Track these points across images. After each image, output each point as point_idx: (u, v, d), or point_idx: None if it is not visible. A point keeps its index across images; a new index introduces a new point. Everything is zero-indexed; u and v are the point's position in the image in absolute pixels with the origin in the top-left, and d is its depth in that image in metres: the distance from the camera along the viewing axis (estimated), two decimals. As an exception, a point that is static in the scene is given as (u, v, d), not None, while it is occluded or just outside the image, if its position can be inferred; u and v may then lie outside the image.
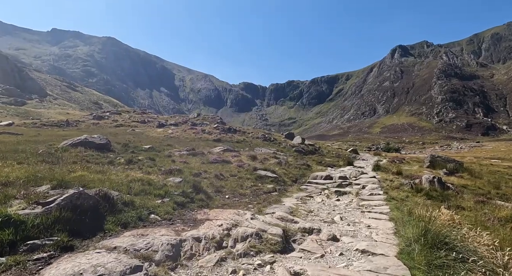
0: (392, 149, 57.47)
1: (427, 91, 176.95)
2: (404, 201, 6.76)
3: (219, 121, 43.00)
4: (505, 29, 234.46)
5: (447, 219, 3.84)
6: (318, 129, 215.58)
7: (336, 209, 6.07)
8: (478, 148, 57.56)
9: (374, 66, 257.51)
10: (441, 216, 3.94)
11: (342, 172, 12.69)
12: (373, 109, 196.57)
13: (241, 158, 13.08)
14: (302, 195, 7.39)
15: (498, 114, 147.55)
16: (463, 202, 7.18)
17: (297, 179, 10.52)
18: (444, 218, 3.90)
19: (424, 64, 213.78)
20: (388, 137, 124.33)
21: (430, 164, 19.05)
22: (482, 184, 13.45)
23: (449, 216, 3.95)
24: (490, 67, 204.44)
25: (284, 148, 26.25)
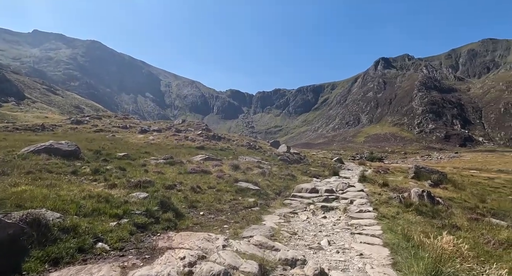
0: (375, 158, 58.14)
1: (409, 102, 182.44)
2: (396, 219, 6.22)
3: (204, 128, 42.06)
4: (480, 46, 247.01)
5: (451, 250, 3.28)
6: (304, 137, 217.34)
7: (323, 229, 5.44)
8: (457, 159, 59.09)
9: (358, 77, 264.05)
10: (443, 244, 3.38)
11: (328, 183, 12.16)
12: (357, 118, 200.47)
13: (223, 168, 12.32)
14: (286, 212, 6.72)
15: (474, 126, 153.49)
16: (456, 219, 6.73)
17: (281, 192, 9.87)
18: (448, 247, 3.33)
19: (406, 76, 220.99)
20: (372, 147, 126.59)
21: (415, 175, 18.94)
22: (467, 197, 13.27)
23: (453, 245, 3.39)
24: (467, 81, 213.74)
25: (269, 156, 25.65)
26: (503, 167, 38.45)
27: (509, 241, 4.65)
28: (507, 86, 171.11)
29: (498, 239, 4.71)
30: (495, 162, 46.27)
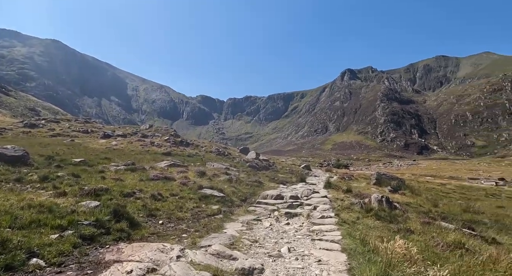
0: (342, 165, 60.25)
1: (372, 112, 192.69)
2: (356, 224, 6.38)
3: (172, 133, 40.93)
4: (434, 62, 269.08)
5: (403, 253, 3.38)
6: (274, 144, 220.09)
7: (285, 236, 5.41)
8: (415, 166, 63.07)
9: (326, 87, 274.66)
10: (396, 248, 3.48)
11: (294, 190, 12.28)
12: (325, 126, 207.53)
13: (188, 174, 11.97)
14: (249, 219, 6.62)
15: (430, 135, 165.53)
16: (411, 223, 7.06)
17: (246, 199, 9.76)
18: (399, 251, 3.43)
19: (370, 88, 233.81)
20: (339, 154, 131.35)
21: (377, 181, 19.81)
22: (422, 202, 14.07)
23: (404, 248, 3.50)
24: (423, 94, 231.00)
25: (238, 163, 25.51)
26: (453, 174, 41.66)
27: (455, 243, 4.93)
28: (457, 99, 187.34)
29: (446, 242, 4.98)
30: (447, 169, 50.01)
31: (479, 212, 10.30)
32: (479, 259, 3.73)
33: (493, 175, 38.58)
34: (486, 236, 6.34)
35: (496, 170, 46.41)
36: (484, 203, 14.94)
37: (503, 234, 7.11)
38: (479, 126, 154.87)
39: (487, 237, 6.25)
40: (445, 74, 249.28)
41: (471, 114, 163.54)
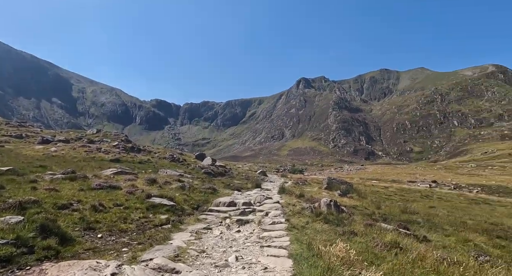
0: (297, 170, 62.22)
1: (325, 119, 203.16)
2: (305, 229, 6.53)
3: (123, 139, 38.50)
4: (379, 74, 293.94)
5: (343, 256, 3.52)
6: (232, 150, 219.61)
7: (234, 244, 5.32)
8: (363, 171, 67.63)
9: (283, 94, 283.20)
10: (337, 251, 3.61)
11: (248, 196, 12.27)
12: (281, 133, 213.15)
13: (136, 182, 11.28)
14: (199, 228, 6.41)
15: (375, 142, 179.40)
16: (355, 225, 7.45)
17: (199, 206, 9.47)
18: (340, 254, 3.57)
19: (323, 96, 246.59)
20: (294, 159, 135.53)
21: (328, 185, 20.79)
22: (367, 204, 15.03)
23: (344, 251, 3.65)
24: (370, 103, 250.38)
25: (193, 169, 24.84)
26: (395, 178, 45.53)
27: (392, 242, 5.31)
28: (398, 109, 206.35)
29: (384, 242, 5.33)
30: (390, 173, 54.48)
31: (414, 213, 11.30)
32: (410, 257, 4.05)
33: (428, 178, 42.99)
34: (418, 234, 6.96)
35: (429, 174, 51.82)
36: (419, 204, 16.48)
37: (432, 232, 7.88)
38: (416, 134, 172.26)
39: (419, 235, 6.86)
40: (388, 86, 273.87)
41: (410, 123, 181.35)
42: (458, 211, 14.91)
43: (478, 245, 6.82)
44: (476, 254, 5.57)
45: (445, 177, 44.95)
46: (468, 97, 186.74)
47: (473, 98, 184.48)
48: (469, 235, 7.51)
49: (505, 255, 5.97)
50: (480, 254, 5.59)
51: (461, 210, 15.80)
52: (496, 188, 34.53)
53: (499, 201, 23.30)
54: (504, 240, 7.73)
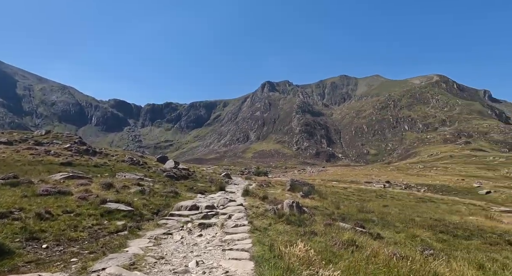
0: (261, 173, 62.72)
1: (289, 122, 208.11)
2: (267, 231, 6.59)
3: (77, 140, 35.78)
4: (339, 80, 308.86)
5: (302, 256, 3.60)
6: (196, 152, 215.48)
7: (196, 249, 5.19)
8: (324, 172, 70.34)
9: (248, 97, 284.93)
10: (297, 252, 3.68)
11: (212, 199, 12.09)
12: (246, 135, 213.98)
13: (91, 187, 10.53)
14: (159, 233, 6.16)
15: (336, 144, 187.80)
16: (316, 225, 7.68)
17: (159, 211, 9.11)
18: (300, 254, 3.65)
19: (287, 100, 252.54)
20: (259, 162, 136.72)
21: (291, 187, 21.24)
22: (328, 204, 15.63)
23: (304, 251, 3.74)
24: (331, 108, 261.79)
25: (154, 173, 23.88)
26: (354, 178, 48.02)
27: (349, 241, 5.56)
28: (356, 113, 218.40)
29: (342, 240, 5.56)
30: (349, 175, 57.33)
31: (370, 212, 11.99)
32: (365, 254, 4.27)
33: (382, 179, 45.98)
34: (373, 232, 7.38)
35: (384, 174, 55.48)
36: (374, 203, 17.52)
37: (385, 229, 8.41)
38: (372, 137, 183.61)
39: (374, 233, 7.28)
40: (347, 91, 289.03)
41: (367, 127, 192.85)
42: (408, 209, 16.13)
43: (424, 240, 7.43)
44: (422, 248, 6.05)
45: (397, 178, 48.44)
46: (416, 104, 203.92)
47: (420, 105, 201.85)
48: (417, 231, 8.15)
49: (446, 248, 6.57)
50: (425, 248, 6.09)
51: (410, 208, 17.11)
52: (440, 187, 38.03)
53: (442, 199, 25.65)
54: (446, 234, 8.53)
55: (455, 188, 36.95)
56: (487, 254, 6.21)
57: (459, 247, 7.10)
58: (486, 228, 10.19)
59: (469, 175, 51.74)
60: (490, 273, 4.49)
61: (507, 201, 29.35)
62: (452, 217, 13.62)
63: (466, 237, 8.45)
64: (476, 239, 8.35)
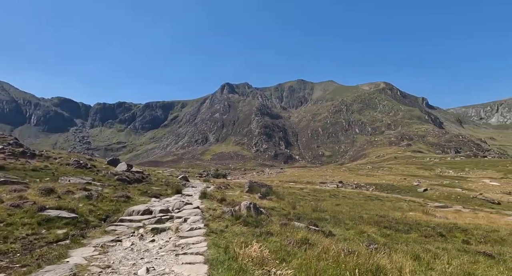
0: (220, 175, 62.16)
1: (248, 125, 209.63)
2: (223, 233, 6.53)
3: (11, 142, 31.95)
4: (296, 84, 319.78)
5: (257, 256, 3.63)
6: (152, 155, 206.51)
7: (147, 255, 4.94)
8: (282, 174, 72.04)
9: (207, 98, 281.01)
10: (251, 252, 3.71)
11: (167, 203, 11.66)
12: (205, 137, 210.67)
13: (27, 193, 9.47)
14: (106, 240, 5.75)
15: (293, 146, 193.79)
16: (272, 226, 7.80)
17: (108, 217, 8.52)
18: (254, 254, 3.67)
19: (246, 102, 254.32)
20: (218, 164, 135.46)
21: (249, 189, 21.36)
22: (285, 205, 16.01)
23: (259, 251, 3.77)
24: (288, 111, 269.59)
25: (104, 176, 22.29)
26: (310, 179, 49.94)
27: (302, 239, 5.75)
28: (312, 117, 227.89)
29: (296, 239, 5.73)
30: (305, 176, 59.48)
31: (323, 211, 12.55)
32: (316, 251, 4.45)
33: (335, 179, 48.52)
34: (325, 230, 7.73)
35: (337, 175, 58.60)
36: (328, 203, 18.41)
37: (336, 227, 8.87)
38: (327, 139, 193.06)
39: (326, 231, 7.63)
40: (304, 95, 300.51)
41: (322, 130, 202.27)
42: (357, 207, 17.22)
43: (371, 235, 7.99)
44: (368, 243, 6.49)
45: (349, 178, 51.51)
46: (366, 109, 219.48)
47: (369, 110, 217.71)
48: (364, 228, 8.74)
49: (389, 242, 7.15)
50: (371, 243, 6.55)
51: (360, 206, 18.29)
52: (386, 186, 41.30)
53: (387, 197, 27.87)
54: (389, 229, 9.28)
55: (399, 187, 40.43)
56: (422, 246, 6.89)
57: (400, 240, 7.76)
58: (422, 222, 11.30)
59: (410, 174, 57.01)
60: (424, 263, 4.97)
61: (440, 197, 32.93)
62: (395, 213, 14.87)
63: (406, 231, 9.29)
64: (414, 232, 9.21)
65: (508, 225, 12.68)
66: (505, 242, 8.62)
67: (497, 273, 4.61)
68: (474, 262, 5.46)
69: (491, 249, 7.12)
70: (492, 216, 17.41)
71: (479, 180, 47.97)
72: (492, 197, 33.23)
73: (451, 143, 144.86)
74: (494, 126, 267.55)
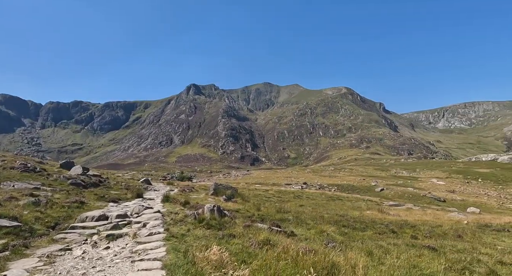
0: (185, 178, 60.62)
1: (215, 126, 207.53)
2: (185, 237, 6.38)
3: None
4: (263, 87, 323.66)
5: (216, 259, 3.60)
6: (111, 157, 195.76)
7: (99, 263, 4.66)
8: (248, 176, 72.21)
9: (172, 99, 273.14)
10: (210, 255, 3.67)
11: (125, 207, 11.10)
12: (170, 139, 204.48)
13: (-40, 201, 8.45)
14: (54, 250, 5.32)
15: (260, 149, 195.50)
16: (235, 228, 7.79)
17: (57, 224, 7.89)
18: (214, 257, 3.64)
19: (213, 104, 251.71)
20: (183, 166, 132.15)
21: (214, 191, 21.11)
22: (250, 207, 16.05)
23: (218, 254, 3.74)
24: (255, 113, 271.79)
25: (56, 180, 20.58)
26: (275, 181, 50.70)
27: (264, 240, 5.81)
28: (278, 119, 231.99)
29: (258, 241, 5.77)
30: (271, 177, 60.24)
31: (287, 212, 12.81)
32: (276, 252, 4.53)
33: (300, 181, 49.80)
34: (287, 230, 7.90)
35: (302, 176, 60.19)
36: (292, 204, 18.81)
37: (298, 227, 9.11)
38: (292, 142, 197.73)
39: (288, 231, 7.80)
40: (271, 98, 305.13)
41: (287, 132, 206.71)
42: (319, 207, 17.82)
43: (330, 234, 8.32)
44: (327, 241, 6.75)
45: (312, 179, 53.17)
46: (329, 112, 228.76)
47: (332, 113, 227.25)
48: (324, 227, 9.07)
49: (346, 240, 7.50)
50: (330, 241, 6.82)
51: (321, 206, 18.95)
52: (347, 186, 43.30)
53: (347, 197, 29.22)
54: (347, 228, 9.74)
55: (358, 187, 42.61)
56: (376, 242, 7.33)
57: (356, 238, 8.18)
58: (377, 220, 12.03)
59: (368, 175, 60.40)
60: (376, 258, 5.30)
61: (394, 196, 35.30)
62: (354, 212, 15.64)
63: (362, 229, 9.81)
64: (369, 230, 9.77)
65: (450, 221, 13.96)
66: (446, 236, 9.49)
67: (437, 265, 5.06)
68: (419, 256, 5.92)
69: (435, 243, 7.80)
70: (437, 213, 19.05)
71: (428, 179, 52.28)
72: (438, 195, 36.39)
73: (405, 146, 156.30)
74: (440, 130, 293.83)
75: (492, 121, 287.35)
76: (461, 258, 5.79)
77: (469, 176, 54.80)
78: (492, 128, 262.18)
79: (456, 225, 12.19)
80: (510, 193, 40.96)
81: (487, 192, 42.02)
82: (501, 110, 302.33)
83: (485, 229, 11.35)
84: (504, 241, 9.14)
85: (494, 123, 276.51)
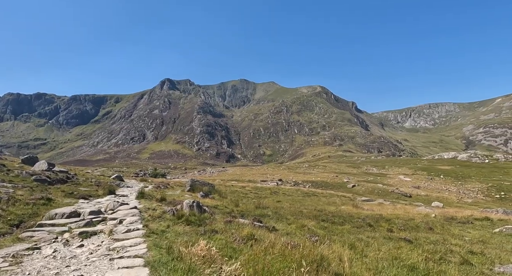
0: (159, 174, 59.01)
1: (190, 122, 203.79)
2: (165, 233, 6.14)
3: None
4: (239, 83, 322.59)
5: (204, 254, 3.46)
6: (79, 153, 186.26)
7: (74, 262, 4.32)
8: (224, 172, 71.78)
9: (145, 93, 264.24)
10: (198, 251, 3.51)
11: (98, 204, 10.53)
12: (142, 134, 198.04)
13: None
14: (19, 249, 4.88)
15: (235, 145, 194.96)
16: (216, 223, 7.65)
17: (22, 222, 7.29)
18: (201, 253, 3.49)
19: (188, 99, 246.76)
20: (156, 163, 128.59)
21: (191, 187, 20.71)
22: (228, 203, 15.90)
23: (206, 249, 3.60)
24: (231, 110, 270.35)
25: (17, 177, 19.09)
26: (251, 178, 50.81)
27: (248, 235, 5.73)
28: (254, 116, 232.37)
29: (242, 236, 5.68)
30: (247, 174, 60.33)
31: (266, 207, 12.82)
32: (263, 246, 4.46)
33: (276, 177, 50.29)
34: (269, 226, 7.88)
35: (277, 173, 60.84)
36: (269, 200, 18.92)
37: (279, 222, 9.13)
38: (268, 139, 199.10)
39: (269, 226, 7.78)
40: (247, 95, 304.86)
41: (263, 129, 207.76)
42: (297, 203, 18.08)
43: (311, 228, 8.42)
44: (309, 236, 6.82)
45: (288, 176, 53.91)
46: (304, 110, 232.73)
47: (307, 111, 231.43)
48: (304, 222, 9.18)
49: (327, 234, 7.63)
50: (312, 235, 6.89)
51: (298, 202, 19.24)
52: (321, 183, 44.38)
53: (322, 193, 29.93)
54: (326, 222, 9.95)
55: (332, 183, 43.83)
56: (355, 236, 7.52)
57: (336, 231, 8.35)
58: (354, 215, 12.40)
59: (341, 172, 62.34)
60: (359, 251, 5.42)
61: (366, 192, 36.73)
62: (330, 207, 16.03)
63: (340, 223, 10.05)
64: (347, 224, 10.03)
65: (419, 214, 14.73)
66: (419, 229, 9.99)
67: (416, 255, 5.27)
68: (398, 248, 6.15)
69: (410, 235, 8.16)
70: (406, 207, 20.05)
71: (396, 176, 54.98)
72: (405, 191, 38.39)
73: (375, 144, 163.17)
74: (407, 129, 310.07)
75: (453, 121, 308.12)
76: (436, 249, 6.08)
77: (432, 173, 58.34)
78: (453, 128, 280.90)
79: (426, 218, 12.87)
80: (468, 189, 44.16)
81: (448, 188, 44.98)
82: (461, 111, 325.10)
83: (452, 222, 12.10)
84: (470, 232, 9.79)
85: (455, 123, 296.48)
